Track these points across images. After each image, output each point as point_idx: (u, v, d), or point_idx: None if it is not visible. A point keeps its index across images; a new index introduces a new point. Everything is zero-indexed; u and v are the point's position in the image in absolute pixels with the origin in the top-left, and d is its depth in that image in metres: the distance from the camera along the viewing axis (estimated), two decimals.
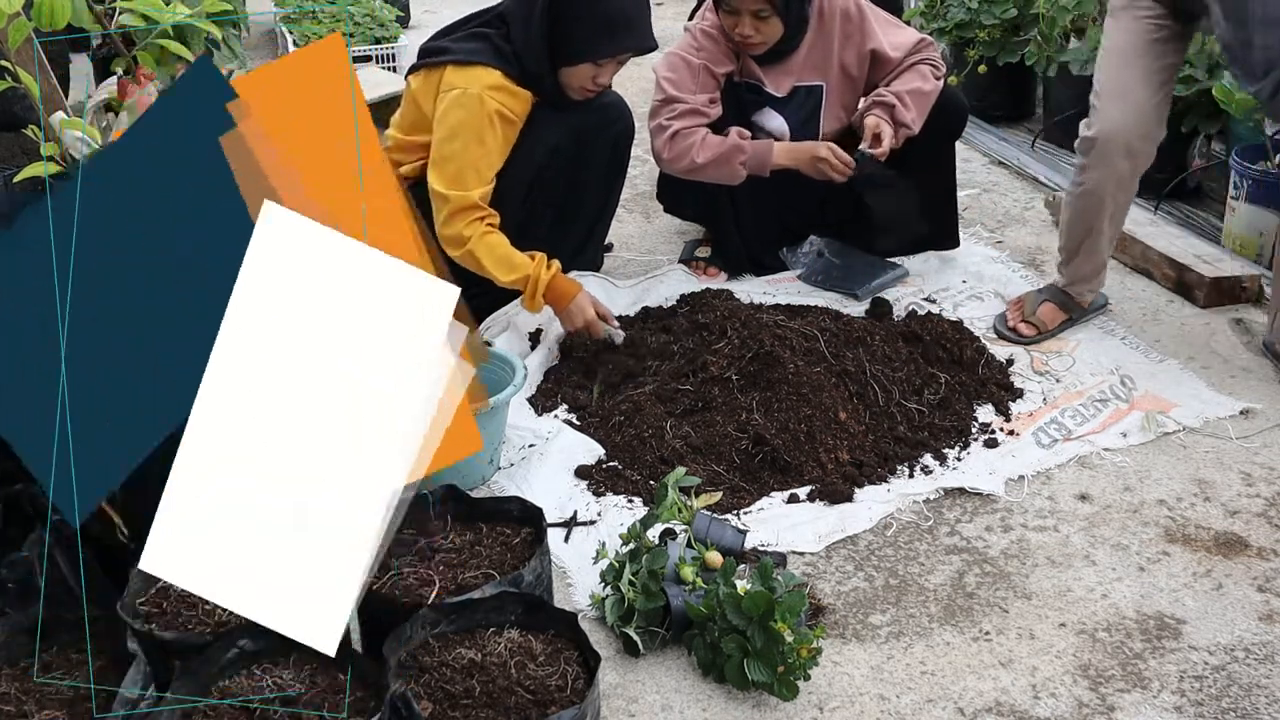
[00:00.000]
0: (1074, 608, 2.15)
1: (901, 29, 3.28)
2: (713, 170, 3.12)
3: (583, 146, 3.03)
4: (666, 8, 6.89)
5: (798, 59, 3.21)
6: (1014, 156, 4.30)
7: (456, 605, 1.78)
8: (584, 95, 2.97)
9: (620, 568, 2.11)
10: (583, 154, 3.04)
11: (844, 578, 2.25)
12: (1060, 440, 2.62)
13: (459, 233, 2.83)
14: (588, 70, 2.90)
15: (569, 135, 2.98)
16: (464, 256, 2.83)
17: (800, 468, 2.50)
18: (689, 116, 3.09)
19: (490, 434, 2.49)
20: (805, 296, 3.24)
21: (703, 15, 3.19)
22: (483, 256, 2.83)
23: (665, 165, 3.17)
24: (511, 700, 1.65)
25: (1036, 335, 3.00)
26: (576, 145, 3.01)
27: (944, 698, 1.96)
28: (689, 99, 3.10)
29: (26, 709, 1.54)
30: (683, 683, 2.00)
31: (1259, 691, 1.95)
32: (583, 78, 2.92)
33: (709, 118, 3.13)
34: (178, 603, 1.71)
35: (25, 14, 1.84)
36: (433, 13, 6.73)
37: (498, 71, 2.85)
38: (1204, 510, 2.41)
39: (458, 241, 2.83)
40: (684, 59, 3.14)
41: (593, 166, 3.09)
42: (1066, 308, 3.03)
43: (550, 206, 3.05)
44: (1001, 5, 4.42)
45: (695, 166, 3.11)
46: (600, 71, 2.92)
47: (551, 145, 2.96)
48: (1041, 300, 3.04)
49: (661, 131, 3.11)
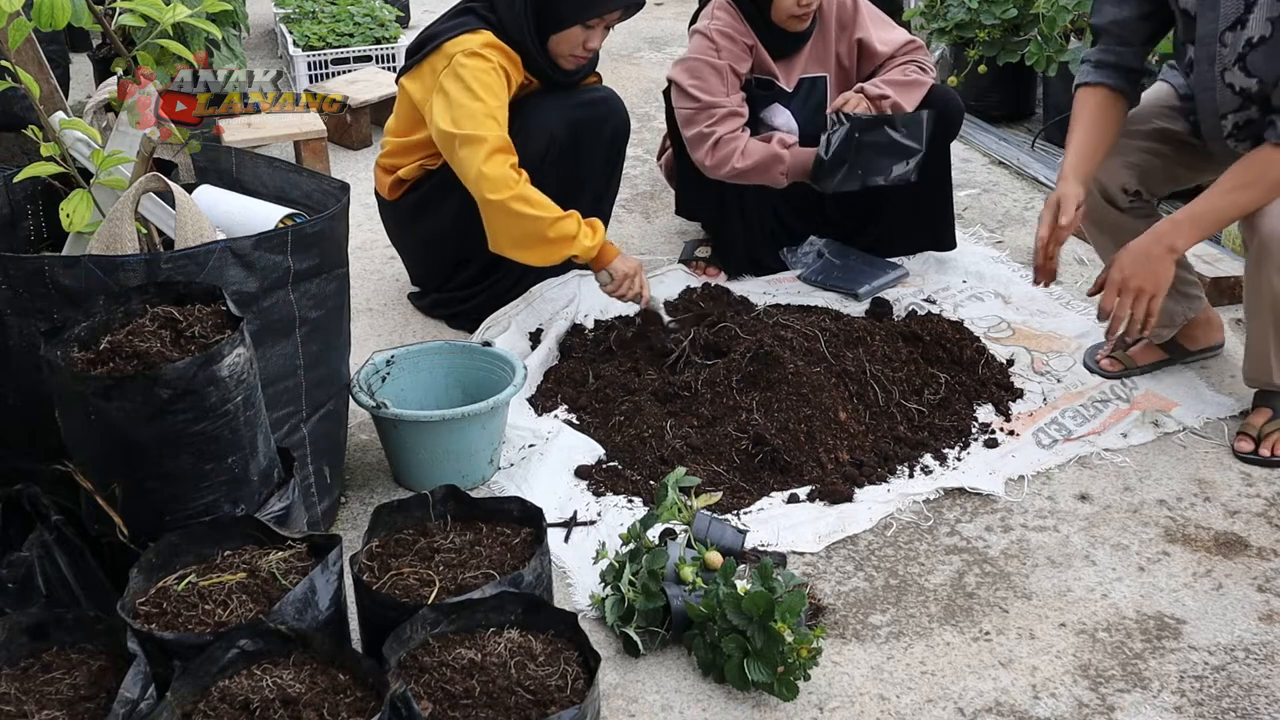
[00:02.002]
0: (1074, 608, 2.15)
1: (892, 28, 3.31)
2: (754, 176, 3.14)
3: (579, 141, 3.02)
4: (667, 8, 6.89)
5: (803, 52, 3.23)
6: (1014, 156, 4.30)
7: (456, 605, 1.78)
8: (575, 63, 2.96)
9: (620, 568, 2.11)
10: (579, 148, 3.03)
11: (844, 578, 2.24)
12: (1060, 440, 2.62)
13: (504, 174, 2.71)
14: (577, 34, 2.89)
15: (565, 128, 2.98)
16: (511, 199, 2.71)
17: (800, 468, 2.50)
18: (729, 120, 3.11)
19: (490, 434, 2.49)
20: (805, 296, 3.24)
21: (713, 16, 3.19)
22: (532, 196, 2.72)
23: (708, 172, 3.17)
24: (511, 700, 1.65)
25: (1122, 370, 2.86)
26: (573, 139, 3.00)
27: (944, 698, 1.96)
28: (724, 101, 3.12)
29: (26, 709, 1.53)
30: (683, 683, 2.00)
31: (1259, 691, 1.95)
32: (572, 43, 2.91)
33: (744, 117, 3.15)
34: (178, 603, 1.71)
35: (25, 14, 1.84)
36: (432, 13, 6.70)
37: (489, 32, 2.85)
38: (1204, 510, 2.41)
39: (504, 183, 2.71)
40: (708, 63, 3.14)
41: (589, 162, 3.09)
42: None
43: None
44: (1001, 5, 4.42)
45: (737, 172, 3.12)
46: (590, 35, 2.91)
47: (548, 138, 2.95)
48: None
49: (704, 139, 3.12)
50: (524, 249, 2.81)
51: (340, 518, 2.44)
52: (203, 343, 1.77)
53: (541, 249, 2.80)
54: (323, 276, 2.14)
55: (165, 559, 1.76)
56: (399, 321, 3.25)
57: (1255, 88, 2.39)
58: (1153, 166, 2.67)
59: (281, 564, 1.77)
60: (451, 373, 2.67)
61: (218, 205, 2.23)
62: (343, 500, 2.48)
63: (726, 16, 3.16)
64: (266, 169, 2.41)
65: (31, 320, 1.89)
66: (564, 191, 3.05)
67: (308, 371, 2.17)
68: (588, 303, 3.08)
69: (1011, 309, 3.16)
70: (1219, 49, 2.41)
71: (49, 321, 1.85)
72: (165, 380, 1.68)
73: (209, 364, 1.72)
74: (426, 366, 2.65)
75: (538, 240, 2.77)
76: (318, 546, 1.81)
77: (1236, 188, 2.38)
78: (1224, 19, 2.37)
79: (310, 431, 2.22)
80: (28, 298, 1.88)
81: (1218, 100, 2.47)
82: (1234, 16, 2.36)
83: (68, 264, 1.87)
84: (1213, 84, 2.45)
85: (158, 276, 1.88)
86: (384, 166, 3.14)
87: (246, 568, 1.77)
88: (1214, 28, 2.40)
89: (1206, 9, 2.40)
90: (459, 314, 3.18)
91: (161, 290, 1.86)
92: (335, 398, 2.30)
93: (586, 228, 2.81)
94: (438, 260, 3.16)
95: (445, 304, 3.21)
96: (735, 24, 3.16)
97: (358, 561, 1.90)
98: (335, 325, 2.24)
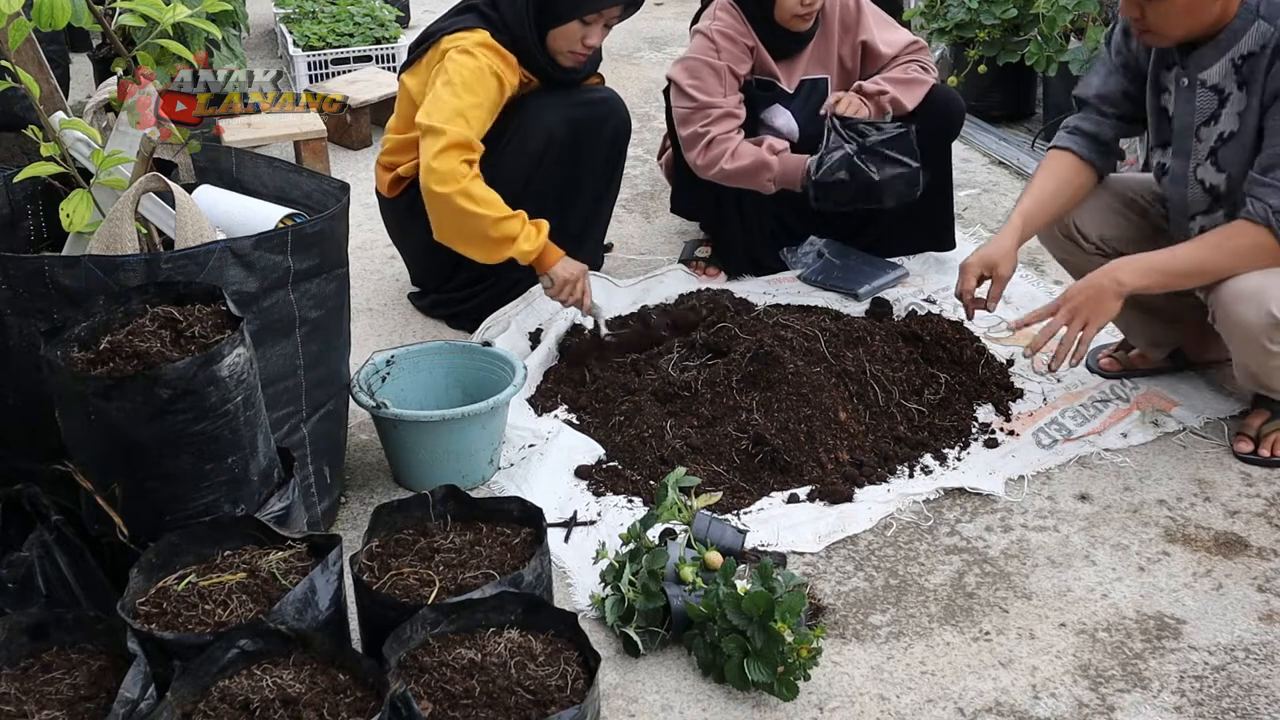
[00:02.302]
0: (1074, 608, 2.15)
1: (896, 29, 3.31)
2: (742, 180, 3.14)
3: (579, 140, 3.03)
4: (667, 8, 6.89)
5: (805, 53, 3.23)
6: (1014, 156, 4.30)
7: (456, 605, 1.78)
8: (574, 60, 2.97)
9: (620, 568, 2.11)
10: (579, 148, 3.04)
11: (844, 578, 2.24)
12: (1060, 440, 2.62)
13: (453, 168, 2.71)
14: (575, 30, 2.90)
15: (566, 128, 2.98)
16: (456, 194, 2.71)
17: (800, 468, 2.50)
18: (724, 121, 3.11)
19: (490, 434, 2.49)
20: (805, 296, 3.24)
21: (714, 16, 3.19)
22: (477, 193, 2.71)
23: (698, 171, 3.17)
24: (511, 700, 1.65)
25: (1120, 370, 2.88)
26: (573, 139, 3.00)
27: (944, 698, 1.96)
28: (721, 102, 3.12)
29: (26, 709, 1.53)
30: (683, 683, 2.00)
31: (1259, 691, 1.95)
32: (571, 39, 2.91)
33: (741, 119, 3.15)
34: (178, 603, 1.71)
35: (25, 14, 1.83)
36: (433, 13, 6.70)
37: (485, 32, 2.87)
38: (1204, 510, 2.41)
39: (451, 177, 2.71)
40: (707, 63, 3.14)
41: (590, 161, 3.09)
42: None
43: (546, 200, 3.03)
44: (1001, 5, 4.42)
45: (725, 174, 3.12)
46: (588, 32, 2.92)
47: (547, 137, 2.96)
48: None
49: (698, 139, 3.12)
50: (466, 243, 2.82)
51: (340, 518, 2.44)
52: (203, 343, 1.77)
53: (483, 246, 2.79)
54: (323, 276, 2.14)
55: (165, 559, 1.76)
56: (399, 321, 3.25)
57: (1224, 184, 2.44)
58: (1119, 225, 2.70)
59: (281, 564, 1.77)
60: (451, 373, 2.67)
61: (218, 205, 2.23)
62: (343, 500, 2.48)
63: (728, 17, 3.16)
64: (266, 169, 2.41)
65: (31, 320, 1.89)
66: (563, 191, 3.06)
67: (308, 371, 2.17)
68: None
69: (1011, 309, 3.15)
70: (1194, 144, 2.46)
71: (49, 321, 1.85)
72: (165, 380, 1.68)
73: (209, 364, 1.72)
74: (426, 366, 2.65)
75: (480, 237, 2.77)
76: (318, 546, 1.81)
77: (1200, 246, 2.42)
78: (1199, 114, 2.43)
79: (310, 431, 2.22)
80: (28, 298, 1.89)
81: (1188, 199, 2.52)
82: (1208, 112, 2.42)
83: (68, 264, 1.87)
84: (1185, 181, 2.50)
85: (158, 276, 1.88)
86: (384, 164, 3.14)
87: (246, 568, 1.77)
88: (1190, 121, 2.45)
89: (1183, 103, 2.45)
90: (459, 314, 3.18)
91: (161, 290, 1.86)
92: (335, 398, 2.30)
93: (531, 228, 2.78)
94: (436, 259, 3.16)
95: (445, 304, 3.21)
96: (736, 25, 3.16)
97: (358, 561, 1.90)
98: (335, 325, 2.24)
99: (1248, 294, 2.34)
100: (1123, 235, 2.68)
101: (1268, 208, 2.32)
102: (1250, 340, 2.37)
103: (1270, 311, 2.31)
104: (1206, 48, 2.38)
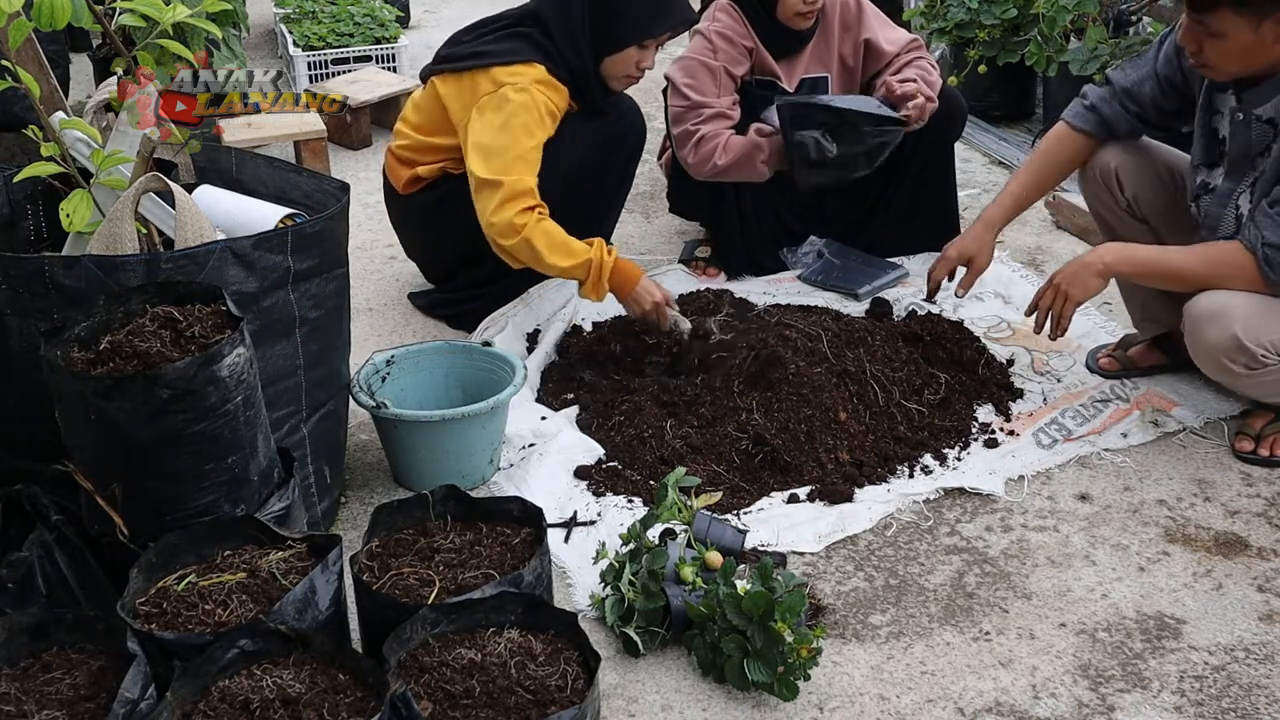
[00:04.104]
0: (1074, 608, 2.15)
1: (894, 27, 3.33)
2: (736, 171, 3.14)
3: (605, 156, 3.03)
4: None
5: (805, 52, 3.23)
6: (1014, 156, 4.30)
7: (456, 605, 1.78)
8: (626, 84, 2.99)
9: (620, 568, 2.11)
10: (604, 163, 3.04)
11: (844, 578, 2.24)
12: (1060, 440, 2.62)
13: (511, 221, 2.73)
14: (632, 55, 2.90)
15: (594, 146, 2.98)
16: (519, 245, 2.74)
17: (800, 468, 2.50)
18: (715, 120, 3.11)
19: (490, 434, 2.49)
20: (805, 296, 3.24)
21: (713, 17, 3.19)
22: (539, 243, 2.73)
23: (691, 170, 3.17)
24: (511, 700, 1.65)
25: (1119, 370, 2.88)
26: (600, 155, 3.01)
27: (944, 698, 1.96)
28: (714, 102, 3.12)
29: (26, 709, 1.53)
30: (683, 683, 2.00)
31: (1259, 691, 1.95)
32: (627, 64, 2.92)
33: (733, 120, 3.15)
34: (178, 603, 1.71)
35: (25, 14, 1.84)
36: (433, 13, 6.74)
37: (542, 66, 2.84)
38: (1204, 510, 2.41)
39: (511, 230, 2.74)
40: (702, 63, 3.14)
41: (610, 173, 3.10)
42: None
43: (573, 214, 3.00)
44: (1001, 5, 4.42)
45: (719, 169, 3.12)
46: (644, 55, 2.92)
47: (580, 157, 2.95)
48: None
49: (689, 138, 3.12)
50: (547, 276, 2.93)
51: (340, 518, 2.44)
52: (203, 343, 1.77)
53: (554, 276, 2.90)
54: (323, 276, 2.14)
55: (165, 559, 1.76)
56: (399, 321, 3.25)
57: (1248, 213, 2.45)
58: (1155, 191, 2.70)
59: (281, 564, 1.77)
60: (451, 373, 2.67)
61: (218, 205, 2.23)
62: (343, 500, 2.48)
63: (727, 18, 3.16)
64: (266, 169, 2.41)
65: (31, 320, 1.89)
66: (586, 203, 3.04)
67: (308, 371, 2.17)
68: (586, 304, 3.07)
69: (1011, 309, 3.16)
70: (1249, 171, 2.47)
71: (49, 321, 1.85)
72: (165, 380, 1.68)
73: (209, 364, 1.72)
74: (426, 366, 2.65)
75: (556, 274, 2.86)
76: (318, 546, 1.81)
77: (1188, 253, 2.47)
78: (1255, 146, 2.44)
79: (310, 431, 2.22)
80: (28, 298, 1.89)
81: (1222, 220, 2.52)
82: (1264, 144, 2.42)
83: (68, 264, 1.87)
84: (1228, 204, 2.50)
85: (158, 276, 1.88)
86: (401, 158, 3.08)
87: (246, 568, 1.77)
88: (1248, 150, 2.45)
89: (1240, 133, 2.45)
90: (462, 314, 3.17)
91: (161, 290, 1.86)
92: (335, 398, 2.30)
93: (594, 273, 2.78)
94: (447, 257, 3.15)
95: (449, 303, 3.20)
96: (736, 26, 3.16)
97: (358, 561, 1.90)
98: (335, 325, 2.24)
99: (1214, 313, 2.38)
100: (1154, 203, 2.69)
101: (1260, 238, 2.35)
102: (1213, 360, 2.42)
103: (1234, 334, 2.34)
104: (1265, 84, 2.38)
